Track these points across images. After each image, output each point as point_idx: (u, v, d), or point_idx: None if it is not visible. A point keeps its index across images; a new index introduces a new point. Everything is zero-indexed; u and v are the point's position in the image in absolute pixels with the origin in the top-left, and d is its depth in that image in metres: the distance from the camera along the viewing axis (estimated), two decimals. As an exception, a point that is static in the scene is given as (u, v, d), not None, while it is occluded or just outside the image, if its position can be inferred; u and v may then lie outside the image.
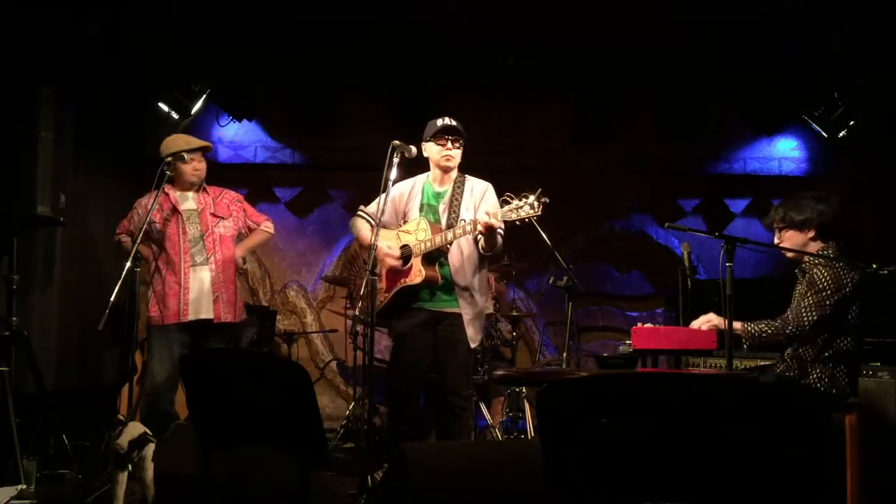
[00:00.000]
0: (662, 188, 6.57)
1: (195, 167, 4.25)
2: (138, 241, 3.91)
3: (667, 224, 3.69)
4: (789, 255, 3.56)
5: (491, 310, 4.17)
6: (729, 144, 6.56)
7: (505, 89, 6.39)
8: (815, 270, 3.39)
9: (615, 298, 6.59)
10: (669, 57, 5.95)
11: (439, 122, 3.81)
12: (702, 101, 6.20)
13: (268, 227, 4.52)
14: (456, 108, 6.30)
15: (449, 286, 3.72)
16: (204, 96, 5.93)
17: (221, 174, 6.02)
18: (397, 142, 3.77)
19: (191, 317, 4.10)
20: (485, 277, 3.90)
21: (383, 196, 3.69)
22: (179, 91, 5.69)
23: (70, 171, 4.45)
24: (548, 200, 3.39)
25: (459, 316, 3.71)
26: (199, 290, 4.16)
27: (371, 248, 3.50)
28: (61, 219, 4.31)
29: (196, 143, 4.31)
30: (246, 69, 5.94)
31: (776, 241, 3.56)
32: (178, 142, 4.30)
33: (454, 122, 3.80)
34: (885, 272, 4.44)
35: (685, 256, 4.14)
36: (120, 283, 3.84)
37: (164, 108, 5.65)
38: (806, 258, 3.47)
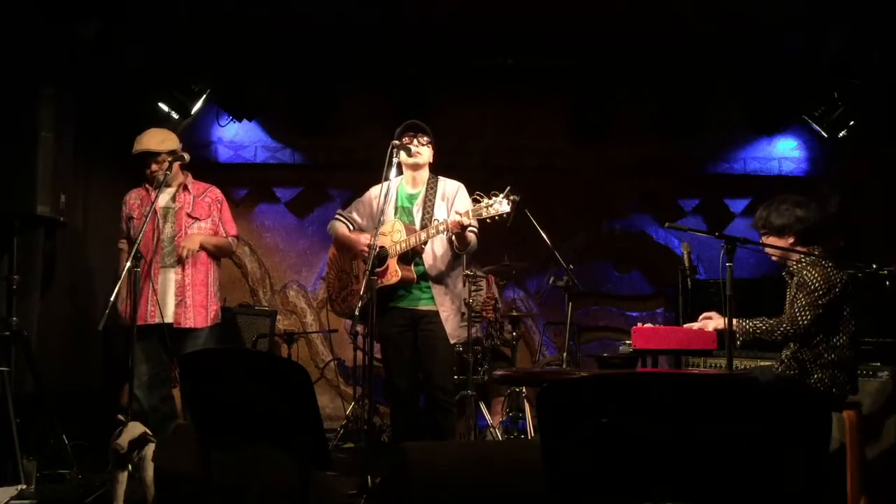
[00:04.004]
0: (662, 188, 6.56)
1: (152, 169, 4.16)
2: (138, 241, 3.89)
3: (667, 224, 3.70)
4: (774, 257, 3.58)
5: (463, 309, 4.22)
6: (729, 144, 6.55)
7: (505, 89, 6.38)
8: (804, 272, 3.39)
9: (615, 298, 6.59)
10: (669, 57, 5.95)
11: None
12: (702, 101, 6.18)
13: (233, 241, 4.39)
14: (456, 108, 6.37)
15: (425, 285, 3.86)
16: (204, 96, 5.92)
17: (221, 174, 6.05)
18: (397, 142, 3.84)
19: (157, 319, 4.02)
20: (460, 275, 4.06)
21: (383, 195, 3.77)
22: (179, 91, 5.68)
23: (70, 171, 4.45)
24: (518, 198, 3.51)
25: (437, 313, 3.85)
26: (164, 292, 4.09)
27: (371, 247, 3.56)
28: (61, 219, 4.32)
29: (147, 146, 4.17)
30: (246, 69, 5.93)
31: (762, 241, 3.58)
32: (143, 140, 4.20)
33: (418, 121, 3.98)
34: (885, 272, 4.45)
35: (685, 256, 4.15)
36: (120, 282, 3.85)
37: (164, 108, 5.64)
38: (792, 261, 3.48)
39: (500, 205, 3.49)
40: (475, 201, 3.58)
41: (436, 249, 3.87)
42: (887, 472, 3.64)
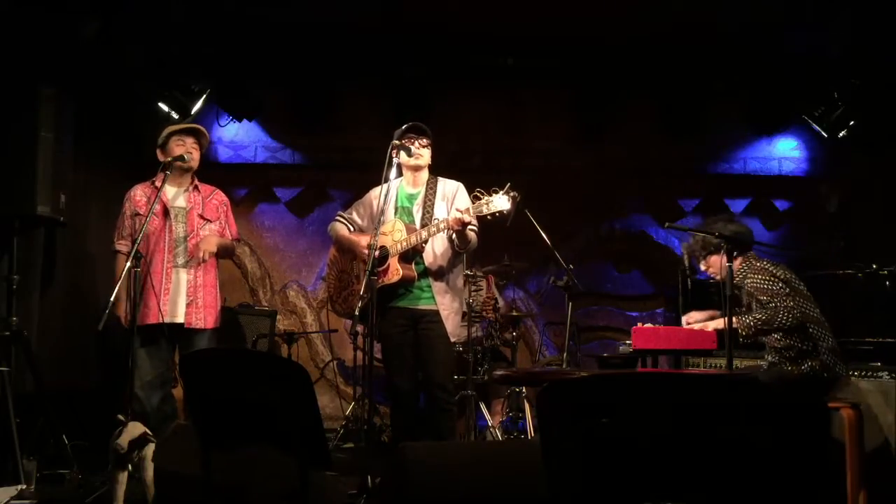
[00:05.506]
0: (662, 188, 6.56)
1: (187, 149, 4.16)
2: (138, 241, 3.88)
3: (667, 224, 3.71)
4: (717, 277, 3.68)
5: (463, 308, 4.23)
6: (729, 144, 6.55)
7: (504, 89, 6.38)
8: (747, 281, 3.45)
9: (615, 298, 6.58)
10: (669, 57, 5.95)
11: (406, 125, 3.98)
12: (702, 101, 6.18)
13: (236, 244, 4.47)
14: (456, 108, 6.37)
15: (425, 284, 3.87)
16: (204, 96, 5.92)
17: (221, 174, 6.04)
18: (397, 141, 3.84)
19: (167, 318, 4.01)
20: (460, 274, 4.06)
21: (383, 195, 3.77)
22: (179, 91, 5.68)
23: (70, 171, 4.45)
24: (518, 196, 3.52)
25: (437, 312, 3.85)
26: (175, 291, 4.09)
27: (371, 247, 3.57)
28: (61, 219, 4.32)
29: (185, 125, 4.29)
30: (246, 69, 5.93)
31: (702, 268, 3.71)
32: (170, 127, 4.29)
33: (419, 123, 3.97)
34: (885, 272, 4.46)
35: (685, 256, 4.15)
36: (120, 282, 3.84)
37: (164, 108, 5.64)
38: (736, 275, 3.54)
39: (501, 202, 3.50)
40: (475, 199, 3.60)
41: (436, 248, 3.88)
42: (886, 469, 3.66)
